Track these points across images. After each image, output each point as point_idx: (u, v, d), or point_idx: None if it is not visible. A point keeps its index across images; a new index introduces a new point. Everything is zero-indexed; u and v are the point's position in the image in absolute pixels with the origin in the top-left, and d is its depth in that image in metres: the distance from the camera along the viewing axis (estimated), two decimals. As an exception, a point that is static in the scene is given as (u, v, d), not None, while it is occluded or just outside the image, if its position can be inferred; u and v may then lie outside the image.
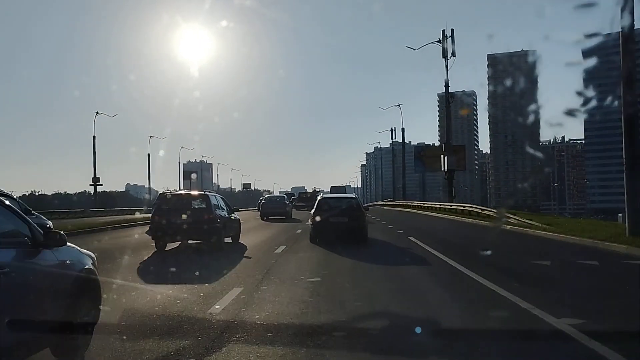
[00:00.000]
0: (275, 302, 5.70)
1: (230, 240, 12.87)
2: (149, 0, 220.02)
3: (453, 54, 33.36)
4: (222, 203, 12.70)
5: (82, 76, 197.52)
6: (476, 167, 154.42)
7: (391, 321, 5.06)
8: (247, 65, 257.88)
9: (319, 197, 14.79)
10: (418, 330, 4.54)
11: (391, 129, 66.02)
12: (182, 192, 15.07)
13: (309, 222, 13.52)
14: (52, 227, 11.22)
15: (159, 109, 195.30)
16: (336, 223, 12.80)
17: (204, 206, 11.53)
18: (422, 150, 56.86)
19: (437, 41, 33.84)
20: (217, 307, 5.43)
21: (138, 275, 8.18)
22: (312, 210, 13.69)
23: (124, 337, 4.33)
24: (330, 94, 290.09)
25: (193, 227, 11.00)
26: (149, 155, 51.39)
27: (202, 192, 12.49)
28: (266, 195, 31.59)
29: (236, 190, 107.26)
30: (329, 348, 4.12)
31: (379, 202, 69.44)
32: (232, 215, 13.25)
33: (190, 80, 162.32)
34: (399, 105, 56.03)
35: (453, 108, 38.91)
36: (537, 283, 7.02)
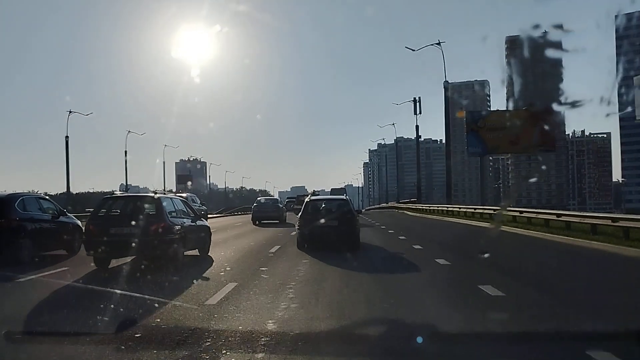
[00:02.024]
0: None
1: (197, 253, 11.50)
2: (146, 4, 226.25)
3: None
4: (182, 208, 11.25)
5: (79, 80, 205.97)
6: (490, 164, 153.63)
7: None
8: (246, 68, 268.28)
9: (306, 199, 14.61)
10: None
11: (414, 99, 47.20)
12: (127, 194, 13.17)
13: (296, 227, 13.35)
14: (81, 226, 12.29)
15: (156, 112, 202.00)
16: (325, 227, 12.60)
17: (154, 212, 9.95)
18: (481, 118, 36.48)
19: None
20: None
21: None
22: (299, 214, 13.56)
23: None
24: (330, 95, 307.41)
25: (138, 239, 9.32)
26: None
27: (153, 195, 10.74)
28: (258, 199, 31.50)
29: (234, 189, 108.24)
30: None
31: (394, 204, 57.54)
32: (199, 222, 11.80)
33: (188, 83, 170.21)
34: (438, 42, 38.87)
35: (455, 101, 38.71)
36: None
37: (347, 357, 4.63)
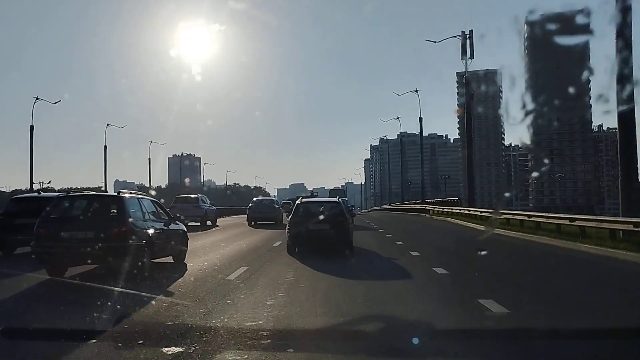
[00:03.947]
0: None
1: (172, 260, 11.12)
2: (145, 2, 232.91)
3: None
4: (152, 209, 10.56)
5: (75, 78, 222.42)
6: (504, 159, 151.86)
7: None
8: (244, 65, 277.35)
9: (297, 202, 14.84)
10: None
11: (463, 33, 36.93)
12: (86, 193, 12.15)
13: (286, 230, 13.48)
14: None
15: (156, 109, 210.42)
16: (316, 231, 12.81)
17: (115, 214, 9.39)
18: None
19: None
20: None
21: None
22: (289, 217, 13.78)
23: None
24: (330, 92, 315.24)
25: (94, 245, 8.69)
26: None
27: (114, 194, 10.16)
28: (254, 199, 31.99)
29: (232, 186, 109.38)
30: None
31: (422, 203, 47.69)
32: (173, 226, 11.23)
33: (187, 81, 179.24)
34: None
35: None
36: None
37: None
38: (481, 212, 27.72)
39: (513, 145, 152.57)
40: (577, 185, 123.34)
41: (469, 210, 29.67)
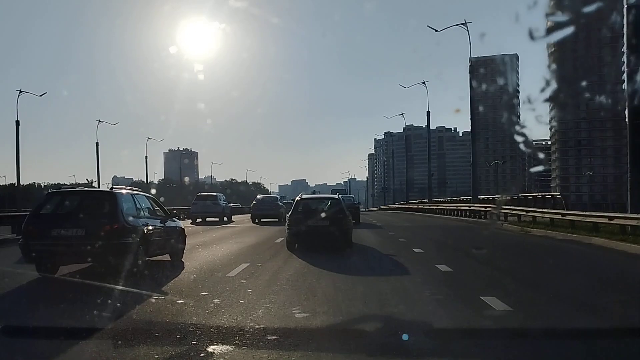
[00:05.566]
0: None
1: (169, 258, 11.13)
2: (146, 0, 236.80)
3: None
4: (147, 205, 10.57)
5: (75, 75, 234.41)
6: (519, 153, 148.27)
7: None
8: (245, 62, 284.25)
9: (297, 198, 15.42)
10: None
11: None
12: (77, 189, 11.95)
13: (285, 227, 13.90)
14: None
15: (156, 106, 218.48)
16: (315, 227, 13.36)
17: (107, 211, 9.29)
18: None
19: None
20: None
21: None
22: (289, 213, 14.18)
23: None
24: (332, 88, 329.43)
25: (84, 243, 8.66)
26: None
27: (107, 190, 10.08)
28: (257, 196, 32.97)
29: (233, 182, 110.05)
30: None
31: (475, 203, 33.86)
32: (170, 223, 11.23)
33: (187, 78, 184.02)
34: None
35: (479, 80, 37.66)
36: None
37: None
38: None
39: (531, 138, 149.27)
40: (606, 181, 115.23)
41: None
